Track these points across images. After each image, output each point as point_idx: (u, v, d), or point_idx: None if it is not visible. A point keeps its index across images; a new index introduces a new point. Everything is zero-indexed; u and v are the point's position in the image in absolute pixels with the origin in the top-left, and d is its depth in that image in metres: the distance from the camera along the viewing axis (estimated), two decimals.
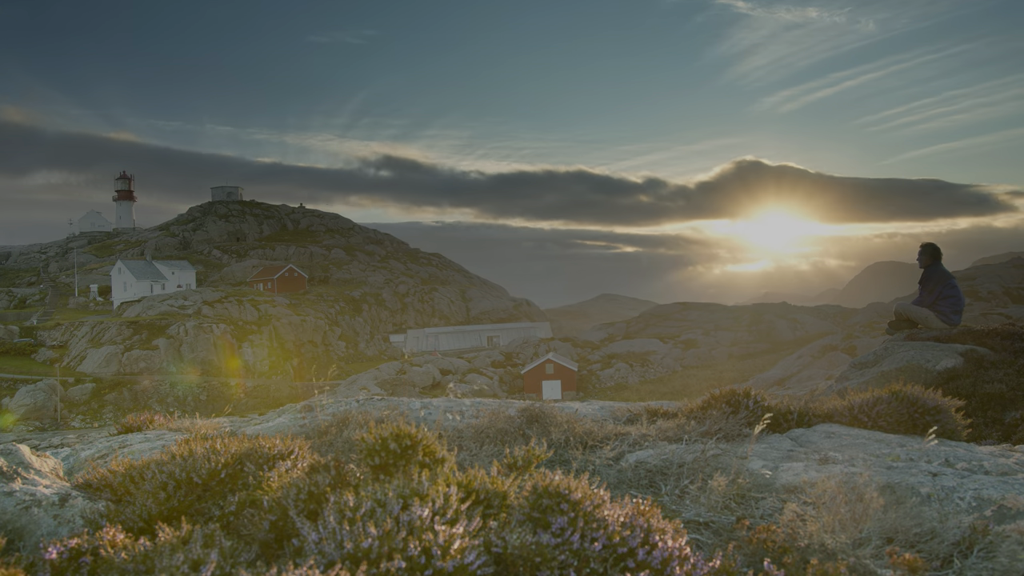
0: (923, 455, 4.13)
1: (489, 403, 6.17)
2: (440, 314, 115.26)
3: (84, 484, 3.52)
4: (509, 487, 2.71)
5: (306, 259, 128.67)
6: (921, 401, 4.97)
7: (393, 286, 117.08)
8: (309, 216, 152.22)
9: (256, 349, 79.35)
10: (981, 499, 3.23)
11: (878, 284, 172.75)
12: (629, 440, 4.62)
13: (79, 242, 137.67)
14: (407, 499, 2.47)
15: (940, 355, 8.12)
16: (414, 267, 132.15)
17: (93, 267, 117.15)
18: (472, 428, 4.99)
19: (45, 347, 77.10)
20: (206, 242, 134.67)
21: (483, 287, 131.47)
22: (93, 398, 65.52)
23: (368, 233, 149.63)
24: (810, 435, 4.77)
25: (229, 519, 2.88)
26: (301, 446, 3.69)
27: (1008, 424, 5.89)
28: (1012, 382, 6.73)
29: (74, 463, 4.86)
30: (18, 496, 3.18)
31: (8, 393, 62.90)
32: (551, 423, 4.97)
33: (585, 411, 5.93)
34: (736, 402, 5.08)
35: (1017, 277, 47.11)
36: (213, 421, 6.56)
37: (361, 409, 5.93)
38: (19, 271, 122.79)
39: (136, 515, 2.95)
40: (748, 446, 4.27)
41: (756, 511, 3.24)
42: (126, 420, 6.09)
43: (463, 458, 4.25)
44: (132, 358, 71.31)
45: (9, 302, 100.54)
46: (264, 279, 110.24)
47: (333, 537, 2.29)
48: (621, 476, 3.85)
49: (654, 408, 5.63)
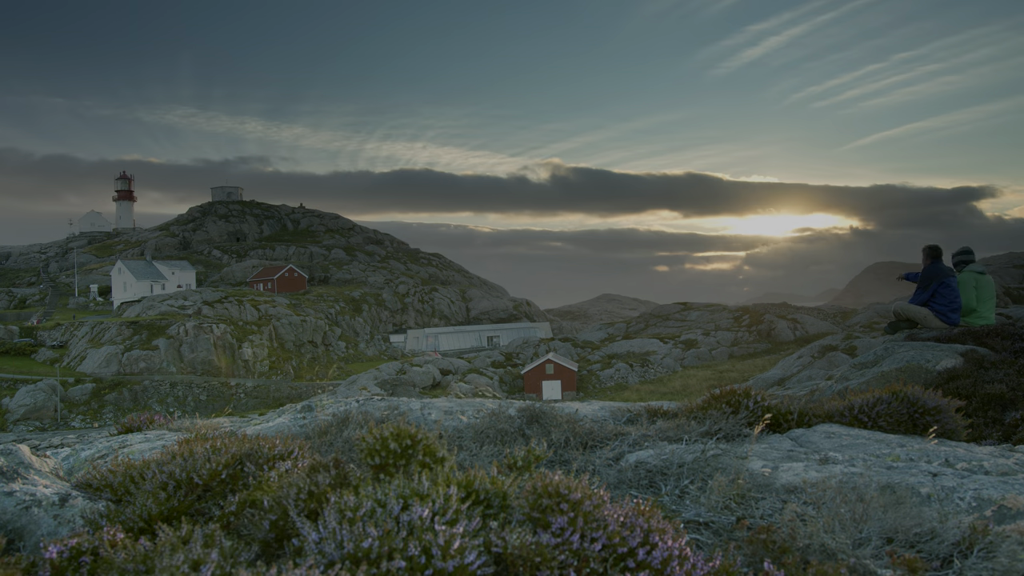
0: (923, 455, 4.13)
1: (489, 403, 6.17)
2: (440, 314, 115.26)
3: (84, 484, 3.52)
4: (509, 487, 2.72)
5: (306, 259, 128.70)
6: (921, 401, 4.97)
7: (393, 286, 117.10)
8: (309, 216, 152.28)
9: (256, 349, 79.34)
10: (981, 499, 3.23)
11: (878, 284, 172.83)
12: (629, 440, 4.62)
13: (79, 242, 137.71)
14: (407, 499, 2.47)
15: (940, 355, 8.12)
16: (414, 267, 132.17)
17: (93, 267, 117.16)
18: (472, 428, 4.99)
19: (45, 347, 77.11)
20: (206, 242, 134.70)
21: (483, 287, 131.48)
22: (93, 398, 65.52)
23: (368, 233, 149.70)
24: (810, 435, 4.77)
25: (229, 519, 2.88)
26: (301, 446, 3.69)
27: (1008, 424, 5.89)
28: (1012, 382, 6.73)
29: (74, 463, 4.86)
30: (18, 496, 3.18)
31: (8, 393, 62.89)
32: (551, 423, 4.97)
33: (585, 411, 5.93)
34: (736, 402, 5.08)
35: (1017, 277, 47.09)
36: (213, 421, 6.56)
37: (361, 409, 5.93)
38: (19, 271, 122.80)
39: (136, 515, 2.95)
40: (748, 446, 4.27)
41: (756, 511, 3.24)
42: (126, 420, 6.09)
43: (463, 458, 4.25)
44: (132, 358, 71.32)
45: (9, 302, 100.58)
46: (264, 279, 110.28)
47: (333, 537, 2.29)
48: (621, 476, 3.85)
49: (654, 408, 5.63)
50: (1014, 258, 52.54)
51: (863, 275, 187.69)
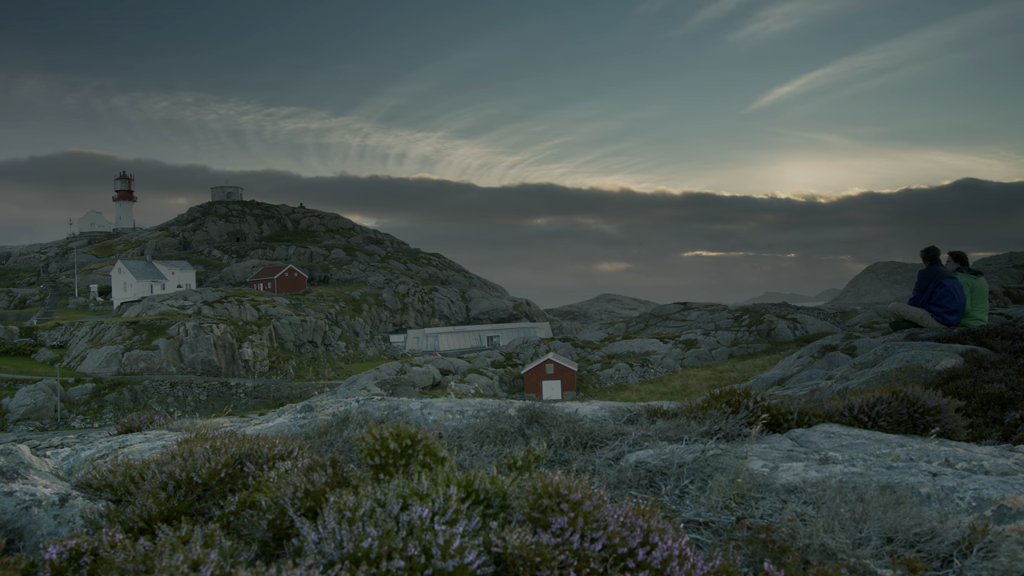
0: (923, 455, 4.13)
1: (489, 403, 6.17)
2: (440, 314, 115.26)
3: (84, 484, 3.52)
4: (509, 487, 2.71)
5: (306, 259, 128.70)
6: (921, 401, 4.97)
7: (393, 286, 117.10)
8: (309, 216, 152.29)
9: (256, 349, 79.34)
10: (981, 499, 3.23)
11: (878, 284, 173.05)
12: (629, 440, 4.62)
13: (79, 242, 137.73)
14: (407, 499, 2.47)
15: (940, 355, 8.12)
16: (414, 267, 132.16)
17: (93, 267, 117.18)
18: (472, 428, 4.99)
19: (45, 347, 77.10)
20: (206, 242, 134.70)
21: (483, 287, 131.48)
22: (93, 398, 65.53)
23: (368, 233, 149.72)
24: (810, 435, 4.77)
25: (229, 519, 2.88)
26: (301, 446, 3.69)
27: (1008, 424, 5.88)
28: (1012, 382, 6.73)
29: (74, 463, 4.86)
30: (18, 496, 3.18)
31: (8, 393, 62.89)
32: (551, 423, 4.97)
33: (585, 411, 5.93)
34: (736, 402, 5.08)
35: (1017, 277, 47.09)
36: (213, 421, 6.56)
37: (361, 409, 5.93)
38: (19, 271, 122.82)
39: (136, 515, 2.95)
40: (748, 446, 4.27)
41: (756, 511, 3.24)
42: (126, 420, 6.09)
43: (463, 458, 4.25)
44: (132, 358, 71.32)
45: (9, 302, 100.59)
46: (264, 279, 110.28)
47: (333, 537, 2.29)
48: (621, 476, 3.85)
49: (654, 408, 5.63)
50: (1014, 258, 52.56)
51: (863, 275, 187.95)
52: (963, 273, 12.10)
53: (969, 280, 11.94)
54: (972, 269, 12.25)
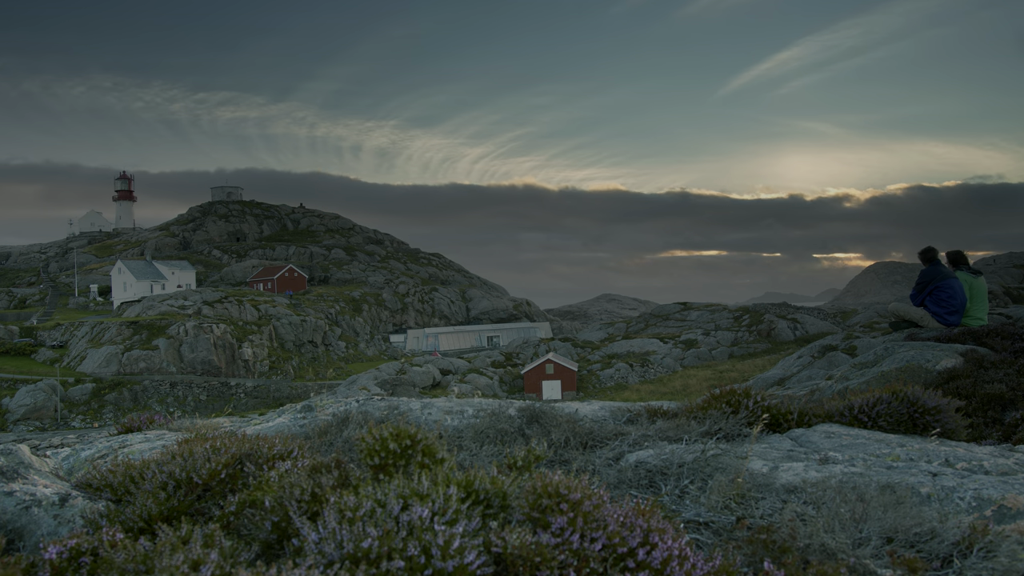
0: (923, 455, 4.13)
1: (489, 403, 6.17)
2: (440, 314, 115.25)
3: (84, 484, 3.52)
4: (509, 487, 2.71)
5: (306, 259, 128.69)
6: (921, 401, 4.97)
7: (393, 286, 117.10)
8: (309, 216, 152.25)
9: (256, 349, 79.34)
10: (981, 499, 3.23)
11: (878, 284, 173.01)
12: (629, 440, 4.62)
13: (79, 242, 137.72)
14: (407, 499, 2.47)
15: (940, 355, 8.12)
16: (414, 267, 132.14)
17: (93, 267, 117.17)
18: (472, 428, 4.99)
19: (45, 347, 77.10)
20: (206, 242, 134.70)
21: (483, 287, 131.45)
22: (93, 398, 65.52)
23: (368, 233, 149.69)
24: (810, 435, 4.77)
25: (229, 519, 2.88)
26: (301, 446, 3.69)
27: (1008, 424, 5.88)
28: (1012, 382, 6.73)
29: (74, 463, 4.86)
30: (18, 496, 3.18)
31: (8, 393, 62.89)
32: (551, 423, 4.97)
33: (585, 411, 5.93)
34: (736, 402, 5.08)
35: (1017, 277, 47.07)
36: (213, 421, 6.56)
37: (361, 409, 5.93)
38: (19, 271, 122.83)
39: (136, 515, 2.95)
40: (748, 446, 4.27)
41: (756, 511, 3.24)
42: (126, 420, 6.09)
43: (463, 458, 4.25)
44: (132, 358, 71.31)
45: (9, 302, 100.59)
46: (264, 279, 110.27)
47: (333, 537, 2.29)
48: (621, 476, 3.85)
49: (654, 408, 5.63)
50: (1014, 258, 52.55)
51: (863, 275, 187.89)
52: (963, 272, 12.10)
53: (969, 279, 11.94)
54: (972, 268, 12.25)
